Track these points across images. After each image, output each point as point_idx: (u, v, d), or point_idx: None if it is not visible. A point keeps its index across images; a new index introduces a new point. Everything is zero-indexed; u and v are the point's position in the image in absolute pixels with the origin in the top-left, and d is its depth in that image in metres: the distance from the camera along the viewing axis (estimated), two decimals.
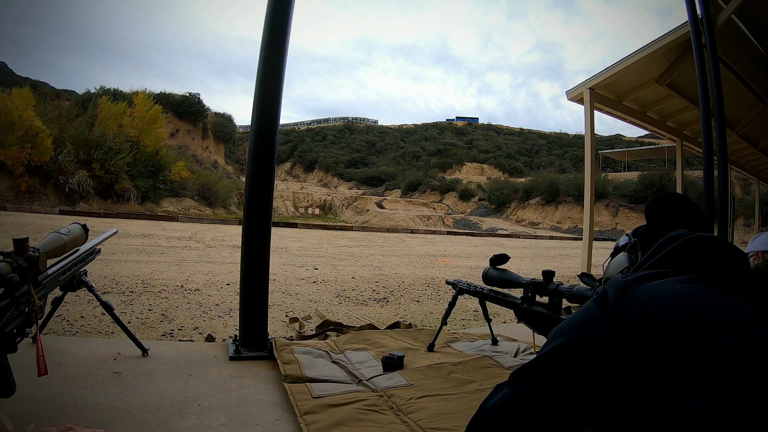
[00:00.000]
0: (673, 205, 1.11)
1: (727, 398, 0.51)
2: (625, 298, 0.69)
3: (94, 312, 3.06)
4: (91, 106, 22.72)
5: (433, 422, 1.33)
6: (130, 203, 19.84)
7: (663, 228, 1.03)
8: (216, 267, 6.02)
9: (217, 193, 24.37)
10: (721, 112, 3.80)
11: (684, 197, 1.15)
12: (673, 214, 1.08)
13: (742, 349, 0.54)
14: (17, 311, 1.15)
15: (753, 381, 0.50)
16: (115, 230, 2.07)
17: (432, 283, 5.76)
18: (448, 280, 2.26)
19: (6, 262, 1.13)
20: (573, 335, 0.72)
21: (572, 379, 0.68)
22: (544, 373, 0.72)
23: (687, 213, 1.09)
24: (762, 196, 15.39)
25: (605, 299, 0.71)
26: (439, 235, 21.26)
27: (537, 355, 0.76)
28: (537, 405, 0.71)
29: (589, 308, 0.73)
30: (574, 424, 0.70)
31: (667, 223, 1.05)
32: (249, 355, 1.90)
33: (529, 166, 54.26)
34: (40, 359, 1.18)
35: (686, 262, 0.75)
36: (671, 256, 0.79)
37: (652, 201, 1.15)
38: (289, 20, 2.09)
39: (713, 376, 0.54)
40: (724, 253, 0.74)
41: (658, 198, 1.15)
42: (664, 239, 0.86)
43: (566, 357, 0.70)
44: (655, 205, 1.12)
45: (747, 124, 6.66)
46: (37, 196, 18.06)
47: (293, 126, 76.56)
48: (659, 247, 0.85)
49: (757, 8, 4.11)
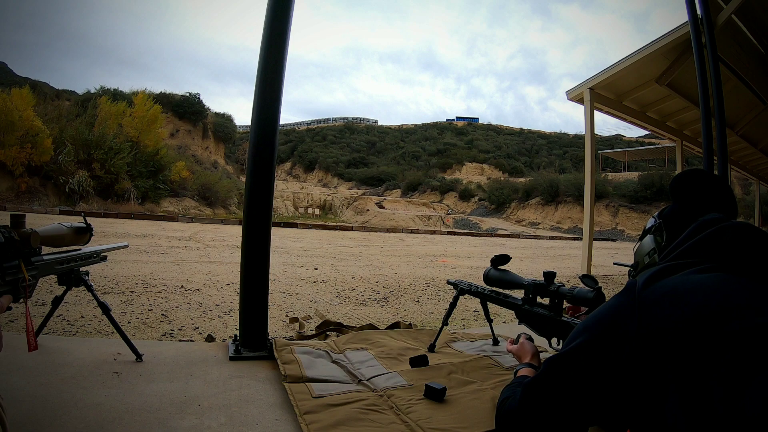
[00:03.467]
0: (700, 183, 1.03)
1: (747, 380, 0.51)
2: (648, 292, 0.70)
3: (94, 312, 3.06)
4: (90, 106, 22.72)
5: (433, 422, 1.33)
6: (130, 203, 19.84)
7: (690, 208, 0.98)
8: (216, 267, 6.02)
9: (217, 193, 24.37)
10: (721, 112, 3.80)
11: (711, 174, 1.07)
12: (699, 193, 1.00)
13: (756, 332, 0.55)
14: (1, 280, 1.17)
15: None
16: (126, 244, 2.08)
17: (432, 284, 5.76)
18: (450, 281, 2.25)
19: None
20: (601, 329, 0.73)
21: (598, 372, 0.70)
22: (572, 366, 0.74)
23: (714, 192, 1.01)
24: (762, 196, 15.39)
25: (632, 293, 0.72)
26: (439, 235, 21.25)
27: (564, 348, 0.78)
28: (563, 396, 0.74)
29: (615, 303, 0.75)
30: (592, 416, 0.72)
31: (693, 203, 0.99)
32: (249, 355, 1.90)
33: (529, 166, 54.27)
34: (29, 334, 1.20)
35: (717, 251, 0.75)
36: (703, 244, 0.78)
37: (677, 178, 1.07)
38: (289, 20, 2.09)
39: (728, 357, 0.55)
40: (757, 241, 0.73)
41: (683, 175, 1.07)
42: (697, 225, 0.85)
43: (595, 351, 0.72)
44: (681, 183, 1.04)
45: (747, 124, 6.66)
46: (37, 196, 18.06)
47: (293, 126, 76.58)
48: (691, 233, 0.83)
49: (757, 8, 4.11)
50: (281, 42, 2.06)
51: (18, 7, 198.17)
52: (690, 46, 3.97)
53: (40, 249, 1.39)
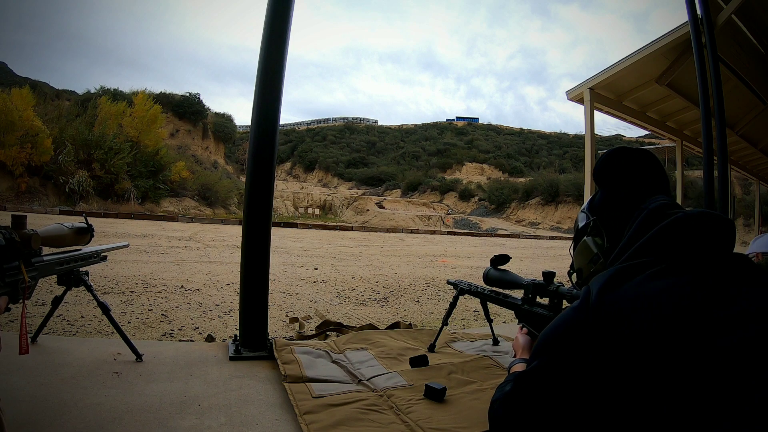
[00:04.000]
0: (628, 162, 0.90)
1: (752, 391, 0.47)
2: (605, 303, 0.64)
3: (94, 312, 3.06)
4: (90, 106, 22.72)
5: (433, 422, 1.33)
6: (130, 203, 19.84)
7: (622, 193, 0.88)
8: (216, 267, 6.02)
9: (217, 193, 24.37)
10: (721, 112, 3.80)
11: (637, 150, 0.93)
12: (630, 175, 0.89)
13: (747, 345, 0.51)
14: (1, 281, 1.17)
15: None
16: (126, 244, 2.08)
17: (432, 284, 5.76)
18: (450, 281, 2.25)
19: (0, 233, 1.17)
20: (557, 347, 0.69)
21: (563, 388, 0.67)
22: (537, 385, 0.70)
23: (645, 170, 0.89)
24: (762, 196, 15.39)
25: (585, 307, 0.66)
26: (439, 235, 21.26)
27: (528, 366, 0.73)
28: (537, 411, 0.70)
29: (570, 317, 0.69)
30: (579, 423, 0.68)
31: (625, 187, 0.88)
32: (249, 355, 1.90)
33: (529, 166, 54.29)
34: (22, 337, 1.20)
35: (674, 248, 0.67)
36: (658, 241, 0.70)
37: (602, 162, 0.94)
38: (289, 19, 2.09)
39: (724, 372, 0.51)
40: (716, 234, 0.66)
41: (608, 157, 0.94)
42: (645, 216, 0.77)
43: (555, 371, 0.68)
44: (607, 166, 0.92)
45: (747, 124, 6.66)
46: (37, 196, 18.06)
47: (293, 126, 76.59)
48: (640, 227, 0.76)
49: (757, 8, 4.11)
50: (281, 41, 2.06)
51: (18, 7, 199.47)
52: (690, 46, 3.97)
53: (40, 250, 1.39)
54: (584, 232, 0.93)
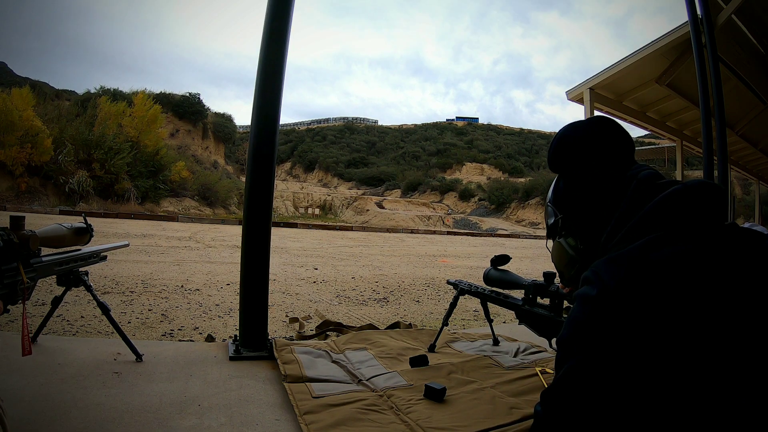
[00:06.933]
0: (587, 135, 0.83)
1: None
2: (626, 283, 0.60)
3: (94, 312, 3.06)
4: (90, 106, 22.72)
5: (433, 422, 1.33)
6: (130, 203, 19.84)
7: (594, 170, 0.82)
8: (216, 267, 6.02)
9: (217, 193, 24.37)
10: (721, 112, 3.80)
11: (588, 120, 0.87)
12: (595, 147, 0.82)
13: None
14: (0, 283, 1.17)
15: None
16: (126, 243, 2.07)
17: (432, 284, 5.76)
18: (450, 281, 2.25)
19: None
20: (591, 342, 0.62)
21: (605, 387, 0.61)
22: (573, 397, 0.63)
23: (609, 138, 0.83)
24: (762, 196, 15.39)
25: (606, 293, 0.61)
26: (439, 235, 21.26)
27: (559, 375, 0.67)
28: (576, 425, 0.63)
29: (589, 309, 0.63)
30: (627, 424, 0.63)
31: (595, 159, 0.82)
32: (249, 355, 1.90)
33: (529, 166, 54.26)
34: (24, 338, 1.20)
35: (681, 220, 0.65)
36: (661, 213, 0.67)
37: (558, 143, 0.86)
38: (289, 18, 2.09)
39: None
40: (718, 201, 0.65)
41: (563, 137, 0.85)
42: (635, 186, 0.73)
43: (593, 368, 0.62)
44: (566, 147, 0.84)
45: (747, 124, 6.67)
46: (37, 196, 18.06)
47: (293, 126, 76.52)
48: (634, 199, 0.72)
49: (757, 8, 4.11)
50: (281, 41, 2.06)
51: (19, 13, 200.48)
52: (690, 46, 3.97)
53: (39, 250, 1.39)
54: (555, 231, 0.88)
